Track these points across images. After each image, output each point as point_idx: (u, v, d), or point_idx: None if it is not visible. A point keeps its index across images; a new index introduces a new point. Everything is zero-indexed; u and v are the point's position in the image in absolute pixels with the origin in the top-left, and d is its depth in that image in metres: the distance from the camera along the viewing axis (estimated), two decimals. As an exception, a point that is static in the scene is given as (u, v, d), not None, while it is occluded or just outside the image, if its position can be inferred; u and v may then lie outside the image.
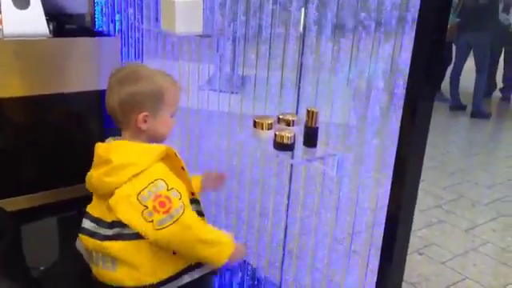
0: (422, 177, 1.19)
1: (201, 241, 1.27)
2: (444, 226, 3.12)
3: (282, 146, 1.31)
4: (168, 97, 1.30)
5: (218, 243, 1.31)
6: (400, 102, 1.21)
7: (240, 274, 1.92)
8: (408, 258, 1.28)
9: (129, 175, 1.23)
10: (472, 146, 4.78)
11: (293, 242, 1.70)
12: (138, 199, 1.22)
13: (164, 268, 1.30)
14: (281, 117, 1.38)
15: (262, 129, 1.37)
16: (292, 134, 1.30)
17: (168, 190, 1.23)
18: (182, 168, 1.34)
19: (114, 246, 1.25)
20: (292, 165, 1.57)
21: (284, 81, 1.60)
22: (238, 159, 1.83)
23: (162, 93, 1.29)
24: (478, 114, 5.63)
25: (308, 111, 1.30)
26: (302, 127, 1.33)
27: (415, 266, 2.61)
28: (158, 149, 1.29)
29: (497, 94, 6.53)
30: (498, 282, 2.55)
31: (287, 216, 1.69)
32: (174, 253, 1.30)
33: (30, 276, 1.44)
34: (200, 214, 1.39)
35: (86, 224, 1.31)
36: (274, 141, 1.32)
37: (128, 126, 1.31)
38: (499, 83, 6.51)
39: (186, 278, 1.35)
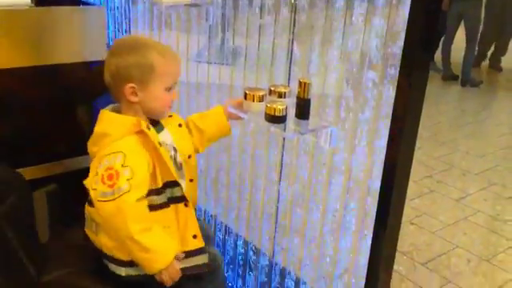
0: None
1: (132, 236, 1.19)
2: (435, 195, 3.14)
3: (274, 119, 1.28)
4: (158, 69, 1.25)
5: (153, 251, 1.22)
6: (395, 73, 1.18)
7: (232, 247, 1.92)
8: (400, 228, 1.28)
9: (103, 144, 1.24)
10: (464, 116, 4.79)
11: (285, 214, 1.69)
12: (98, 165, 1.22)
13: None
14: (272, 88, 1.35)
15: (254, 101, 1.34)
16: (284, 107, 1.27)
17: (122, 166, 1.19)
18: (159, 144, 1.27)
19: (93, 211, 1.26)
20: (284, 137, 1.55)
21: (276, 51, 1.56)
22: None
23: (150, 65, 1.24)
24: (468, 82, 5.63)
25: (300, 82, 1.27)
26: (294, 99, 1.30)
27: (406, 235, 2.63)
28: (129, 120, 1.25)
29: (486, 62, 6.51)
30: (488, 250, 2.59)
31: (279, 188, 1.68)
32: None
33: (37, 240, 1.46)
34: (181, 198, 1.33)
35: None
36: (266, 113, 1.29)
37: (120, 99, 1.29)
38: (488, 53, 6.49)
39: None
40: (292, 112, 1.30)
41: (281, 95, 1.34)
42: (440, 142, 3.99)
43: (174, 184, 1.31)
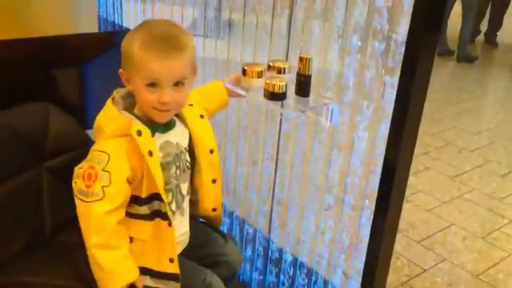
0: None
1: (93, 245, 1.14)
2: (431, 173, 3.13)
3: (273, 95, 1.24)
4: (136, 61, 1.11)
5: (108, 270, 1.16)
6: (400, 49, 1.14)
7: (228, 225, 1.89)
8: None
9: (99, 139, 1.17)
10: (459, 93, 4.76)
11: (282, 192, 1.67)
12: (86, 157, 1.17)
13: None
14: (271, 64, 1.31)
15: (252, 77, 1.29)
16: (284, 83, 1.22)
17: (103, 170, 1.12)
18: (150, 153, 1.14)
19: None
20: (283, 114, 1.51)
21: (274, 25, 1.50)
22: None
23: (131, 55, 1.12)
24: (464, 58, 5.59)
25: (301, 58, 1.22)
26: (294, 75, 1.26)
27: (402, 213, 2.61)
28: (122, 120, 1.14)
29: (480, 37, 6.46)
30: (483, 228, 2.58)
31: (276, 166, 1.65)
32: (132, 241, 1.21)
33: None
34: (159, 214, 1.20)
35: None
36: (265, 90, 1.25)
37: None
38: (483, 29, 6.43)
39: (148, 282, 1.23)
40: (292, 88, 1.26)
41: (280, 71, 1.29)
42: (436, 119, 3.97)
43: (157, 198, 1.19)
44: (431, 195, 2.86)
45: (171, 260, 1.21)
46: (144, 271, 1.22)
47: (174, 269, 1.21)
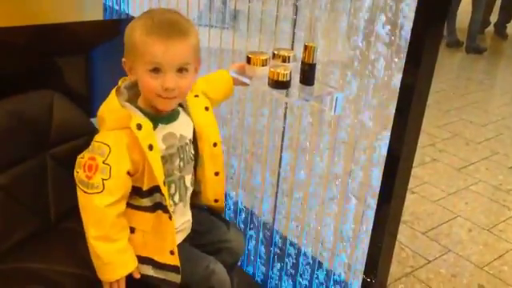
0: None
1: (92, 237, 1.15)
2: (437, 164, 3.11)
3: (277, 84, 1.23)
4: (139, 46, 1.11)
5: (107, 260, 1.17)
6: (405, 38, 1.13)
7: (232, 215, 1.90)
8: (403, 198, 1.26)
9: (100, 129, 1.18)
10: (468, 84, 4.72)
11: (286, 182, 1.66)
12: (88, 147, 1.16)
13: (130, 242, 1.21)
14: (276, 52, 1.30)
15: (256, 65, 1.28)
16: (288, 71, 1.22)
17: (103, 162, 1.12)
18: (150, 147, 1.13)
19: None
20: (287, 103, 1.50)
21: (279, 14, 1.49)
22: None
23: (133, 41, 1.12)
24: (473, 49, 5.54)
25: (305, 46, 1.22)
26: (299, 64, 1.25)
27: (407, 204, 2.59)
28: (122, 113, 1.13)
29: (490, 29, 6.39)
30: (489, 220, 2.57)
31: (281, 155, 1.64)
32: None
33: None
34: (160, 206, 1.20)
35: None
36: (269, 78, 1.24)
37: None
38: (493, 20, 6.36)
39: (149, 271, 1.23)
40: (297, 77, 1.25)
41: (284, 59, 1.29)
42: (443, 110, 3.94)
43: (157, 190, 1.19)
44: (437, 187, 2.85)
45: (171, 252, 1.21)
46: (146, 261, 1.22)
47: (175, 261, 1.21)
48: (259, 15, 1.55)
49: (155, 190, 1.18)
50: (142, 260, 1.22)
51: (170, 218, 1.19)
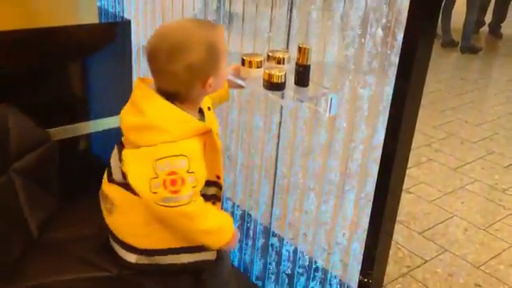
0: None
1: (200, 230, 1.21)
2: (433, 164, 3.12)
3: (272, 85, 1.24)
4: (220, 46, 1.18)
5: (218, 231, 1.25)
6: (399, 39, 1.13)
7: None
8: (399, 198, 1.26)
9: (158, 141, 1.12)
10: (463, 84, 4.73)
11: (283, 182, 1.67)
12: (153, 165, 1.11)
13: (157, 237, 1.23)
14: (270, 54, 1.30)
15: (251, 67, 1.29)
16: (283, 73, 1.22)
17: (188, 172, 1.13)
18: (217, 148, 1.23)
19: (113, 190, 1.23)
20: (282, 105, 1.51)
21: (274, 16, 1.50)
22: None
23: (216, 48, 1.17)
24: (468, 49, 5.55)
25: (299, 48, 1.22)
26: (293, 65, 1.26)
27: (404, 204, 2.62)
28: (197, 125, 1.17)
29: (484, 28, 6.41)
30: (485, 219, 2.58)
31: (277, 156, 1.65)
32: None
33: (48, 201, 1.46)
34: (215, 198, 1.31)
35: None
36: (264, 80, 1.24)
37: (184, 93, 1.18)
38: (487, 20, 6.38)
39: (184, 258, 1.27)
40: (291, 79, 1.25)
41: (279, 61, 1.29)
42: (439, 110, 3.95)
43: (218, 185, 1.30)
44: (433, 186, 2.86)
45: None
46: (181, 251, 1.26)
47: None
48: (254, 16, 1.55)
49: (211, 183, 1.27)
50: (178, 251, 1.26)
51: (214, 203, 1.31)
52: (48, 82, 1.66)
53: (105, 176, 1.28)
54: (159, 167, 1.11)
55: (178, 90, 1.15)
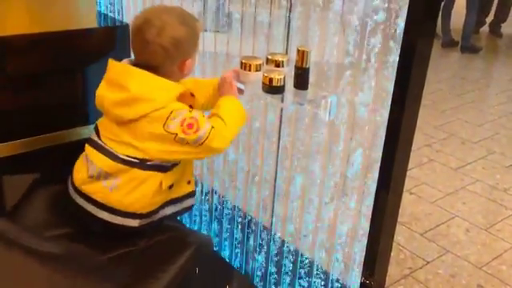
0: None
1: (233, 132, 1.32)
2: (434, 165, 3.12)
3: (271, 89, 1.24)
4: (196, 40, 1.35)
5: (239, 116, 1.34)
6: (398, 39, 1.13)
7: (230, 217, 1.90)
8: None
9: (148, 110, 1.23)
10: (463, 84, 4.73)
11: (283, 184, 1.66)
12: (165, 130, 1.22)
13: (157, 200, 1.35)
14: (270, 57, 1.30)
15: (250, 70, 1.29)
16: (282, 76, 1.22)
17: (190, 111, 1.25)
18: (190, 106, 1.32)
19: (118, 169, 1.28)
20: (282, 108, 1.51)
21: (273, 18, 1.50)
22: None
23: (197, 34, 1.35)
24: (468, 48, 5.55)
25: (298, 51, 1.22)
26: (293, 68, 1.26)
27: (405, 205, 2.61)
28: (176, 89, 1.27)
29: (485, 28, 6.41)
30: (487, 219, 2.58)
31: (277, 159, 1.64)
32: (170, 187, 1.35)
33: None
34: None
35: (96, 138, 1.34)
36: (263, 83, 1.25)
37: (164, 70, 1.31)
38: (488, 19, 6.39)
39: (169, 210, 1.41)
40: (291, 82, 1.25)
41: (278, 64, 1.29)
42: (439, 110, 3.95)
43: None
44: (434, 187, 2.85)
45: (189, 182, 1.44)
46: (166, 204, 1.41)
47: (191, 188, 1.46)
48: (253, 19, 1.55)
49: None
50: (163, 206, 1.37)
51: None
52: (46, 86, 1.66)
53: (99, 156, 1.31)
54: (171, 126, 1.22)
55: (161, 63, 1.26)
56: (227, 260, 1.92)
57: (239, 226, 1.86)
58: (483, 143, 3.45)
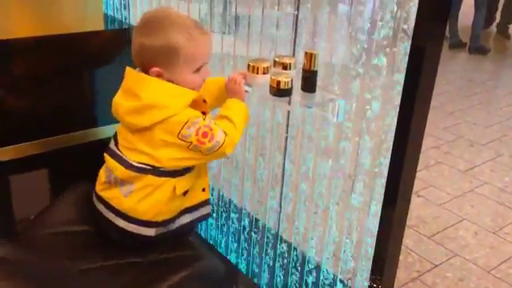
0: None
1: (240, 131, 1.31)
2: (442, 167, 3.10)
3: (279, 92, 1.23)
4: (183, 53, 1.20)
5: (245, 116, 1.33)
6: (407, 42, 1.12)
7: (237, 221, 1.89)
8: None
9: (160, 117, 1.20)
10: (471, 85, 4.70)
11: (291, 187, 1.66)
12: (180, 139, 1.21)
13: (173, 207, 1.32)
14: (277, 60, 1.29)
15: (257, 73, 1.28)
16: (289, 79, 1.21)
17: (204, 119, 1.23)
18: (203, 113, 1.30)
19: (132, 176, 1.26)
20: (289, 111, 1.50)
21: (280, 20, 1.49)
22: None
23: (175, 48, 1.20)
24: (476, 49, 5.52)
25: (306, 53, 1.21)
26: (300, 71, 1.25)
27: (413, 208, 2.60)
28: (189, 95, 1.23)
29: (493, 28, 6.39)
30: (495, 222, 2.56)
31: (284, 161, 1.64)
32: (185, 193, 1.33)
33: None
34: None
35: (113, 146, 1.32)
36: (270, 86, 1.24)
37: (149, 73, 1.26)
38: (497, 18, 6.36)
39: (187, 218, 1.38)
40: (298, 84, 1.24)
41: (286, 67, 1.28)
42: (447, 112, 3.93)
43: None
44: (442, 190, 2.83)
45: (203, 189, 1.40)
46: (182, 213, 1.37)
47: (206, 196, 1.42)
48: (260, 21, 1.54)
49: None
50: (179, 215, 1.35)
51: None
52: (54, 88, 1.67)
53: (114, 164, 1.29)
54: (185, 136, 1.20)
55: (142, 69, 1.25)
56: (233, 262, 1.91)
57: (246, 229, 1.86)
58: (491, 145, 3.42)
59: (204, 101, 1.30)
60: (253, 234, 1.83)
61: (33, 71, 1.61)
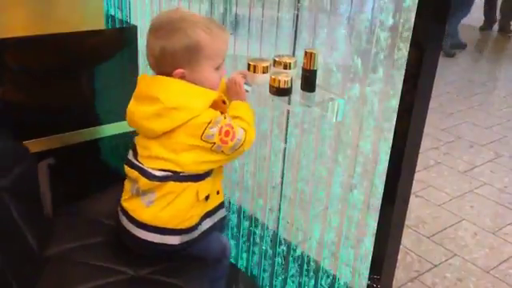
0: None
1: (252, 121, 1.32)
2: (441, 167, 3.10)
3: (279, 91, 1.24)
4: (206, 50, 1.20)
5: (252, 112, 1.34)
6: (406, 42, 1.12)
7: (236, 220, 1.89)
8: (406, 202, 1.25)
9: (183, 119, 1.18)
10: (471, 86, 4.70)
11: (290, 187, 1.66)
12: (203, 140, 1.20)
13: (195, 214, 1.31)
14: (277, 59, 1.30)
15: (257, 72, 1.28)
16: (289, 78, 1.22)
17: (225, 118, 1.23)
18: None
19: (153, 185, 1.24)
20: (289, 110, 1.50)
21: (280, 20, 1.50)
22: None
23: (196, 46, 1.19)
24: (454, 46, 5.51)
25: (306, 53, 1.22)
26: (300, 70, 1.25)
27: (412, 208, 2.60)
28: (211, 96, 1.22)
29: (494, 28, 6.40)
30: (494, 223, 2.56)
31: (284, 162, 1.64)
32: (207, 198, 1.32)
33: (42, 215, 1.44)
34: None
35: (132, 157, 1.30)
36: (270, 85, 1.24)
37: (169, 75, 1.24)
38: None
39: (208, 223, 1.36)
40: (298, 84, 1.25)
41: (286, 66, 1.29)
42: (447, 113, 3.93)
43: None
44: (442, 190, 2.84)
45: (218, 192, 1.38)
46: (203, 218, 1.35)
47: (221, 198, 1.40)
48: (260, 21, 1.55)
49: None
50: (201, 220, 1.33)
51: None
52: (55, 87, 1.67)
53: (137, 175, 1.26)
54: (208, 137, 1.19)
55: (161, 72, 1.24)
56: (233, 262, 1.92)
57: (246, 229, 1.86)
58: (491, 146, 3.43)
59: (223, 102, 1.28)
60: (253, 233, 1.84)
61: (32, 70, 1.62)
